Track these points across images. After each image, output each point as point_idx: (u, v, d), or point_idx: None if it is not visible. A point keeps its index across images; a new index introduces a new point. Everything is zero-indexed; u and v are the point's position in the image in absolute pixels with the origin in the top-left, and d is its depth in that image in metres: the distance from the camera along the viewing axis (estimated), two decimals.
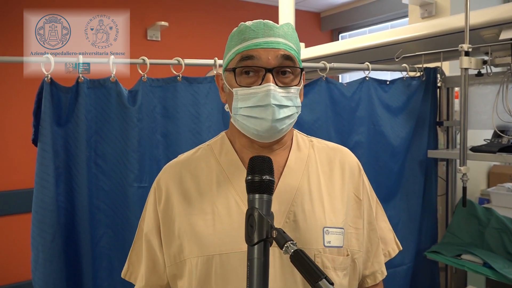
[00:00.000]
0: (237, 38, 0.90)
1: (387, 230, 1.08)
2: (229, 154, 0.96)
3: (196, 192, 0.93)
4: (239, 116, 0.89)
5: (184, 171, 0.96)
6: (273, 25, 0.89)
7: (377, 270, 1.02)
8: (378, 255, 1.03)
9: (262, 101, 0.85)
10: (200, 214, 0.91)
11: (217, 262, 0.86)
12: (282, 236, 0.71)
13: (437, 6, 2.96)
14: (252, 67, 0.86)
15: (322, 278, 0.65)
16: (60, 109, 1.48)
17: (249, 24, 0.90)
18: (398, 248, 1.09)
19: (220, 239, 0.87)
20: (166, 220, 0.93)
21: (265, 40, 0.87)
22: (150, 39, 3.83)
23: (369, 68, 1.99)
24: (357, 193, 0.99)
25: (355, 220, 0.97)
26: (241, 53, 0.87)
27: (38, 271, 1.43)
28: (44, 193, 1.42)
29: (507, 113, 1.83)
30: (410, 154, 2.14)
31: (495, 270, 1.75)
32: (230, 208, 0.90)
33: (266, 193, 0.76)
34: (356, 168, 1.02)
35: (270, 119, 0.86)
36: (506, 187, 2.46)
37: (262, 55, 0.86)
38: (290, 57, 0.88)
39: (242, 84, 0.88)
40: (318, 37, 4.90)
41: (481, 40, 1.87)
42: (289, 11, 2.73)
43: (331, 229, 0.90)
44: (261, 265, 0.71)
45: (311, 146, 1.01)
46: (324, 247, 0.89)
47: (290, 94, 0.88)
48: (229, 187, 0.92)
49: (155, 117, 1.63)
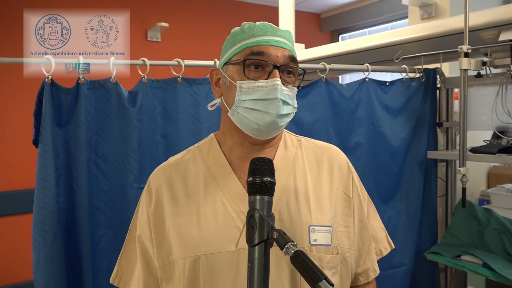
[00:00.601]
0: (244, 34, 0.91)
1: (379, 228, 1.08)
2: (216, 155, 0.97)
3: (183, 194, 0.94)
4: (241, 109, 0.90)
5: (174, 173, 0.97)
6: (278, 28, 0.93)
7: (369, 268, 1.03)
8: (370, 253, 1.03)
9: (269, 95, 0.87)
10: (186, 215, 0.91)
11: (204, 263, 0.87)
12: (282, 237, 0.72)
13: (437, 8, 2.96)
14: (261, 62, 0.88)
15: (322, 279, 0.65)
16: (60, 110, 1.49)
17: (255, 23, 0.92)
18: (390, 247, 1.10)
19: (206, 239, 0.88)
20: (157, 222, 0.94)
21: (274, 39, 0.90)
22: (150, 40, 3.84)
23: (368, 69, 1.99)
24: (347, 191, 1.00)
25: (345, 219, 0.97)
26: (251, 48, 0.89)
27: (40, 271, 1.43)
28: (45, 194, 1.43)
29: (506, 114, 1.83)
30: (409, 155, 2.14)
31: (494, 271, 1.75)
32: (216, 208, 0.90)
33: (267, 194, 0.77)
34: (345, 166, 1.02)
35: (275, 113, 0.87)
36: (505, 188, 2.46)
37: (272, 51, 0.88)
38: (295, 58, 0.92)
39: (249, 77, 0.89)
40: (318, 38, 4.91)
41: (480, 41, 1.87)
42: (289, 12, 2.73)
43: (317, 228, 0.90)
44: (261, 266, 0.72)
45: (298, 145, 1.02)
46: (310, 246, 0.89)
47: (292, 93, 0.91)
48: (216, 188, 0.92)
49: (155, 118, 1.63)
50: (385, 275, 2.01)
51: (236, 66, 0.90)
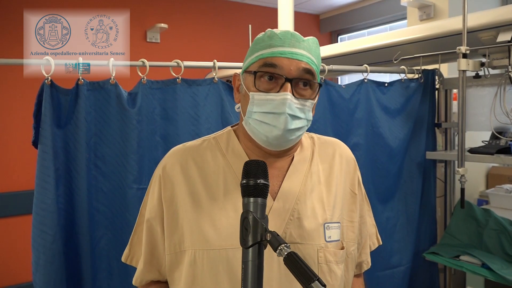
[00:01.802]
0: (263, 43, 0.91)
1: (370, 225, 1.12)
2: (235, 149, 0.97)
3: (201, 186, 0.94)
4: (251, 120, 0.90)
5: (190, 160, 0.97)
6: (300, 37, 0.91)
7: (363, 260, 1.09)
8: (366, 246, 1.09)
9: (277, 109, 0.87)
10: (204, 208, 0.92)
11: (215, 257, 0.88)
12: (276, 239, 0.72)
13: (435, 9, 2.97)
14: (273, 74, 0.88)
15: (315, 280, 0.66)
16: (60, 111, 1.49)
17: (276, 31, 0.91)
18: (378, 243, 1.15)
19: (219, 234, 0.89)
20: (171, 209, 0.94)
21: (290, 50, 0.88)
22: (149, 41, 3.84)
23: (367, 70, 2.00)
24: (353, 187, 1.03)
25: (350, 214, 1.01)
26: (264, 59, 0.89)
27: (39, 272, 1.43)
28: (44, 195, 1.43)
29: (504, 115, 1.84)
30: (408, 155, 2.15)
31: (493, 271, 1.76)
32: (235, 205, 0.91)
33: (260, 196, 0.77)
34: (352, 162, 1.06)
35: (282, 128, 0.87)
36: (504, 188, 2.47)
37: (285, 64, 0.87)
38: (311, 71, 0.89)
39: (260, 89, 0.89)
40: (317, 39, 4.91)
41: (479, 42, 1.88)
42: (288, 13, 2.73)
43: (331, 224, 0.94)
44: (255, 267, 0.72)
45: (312, 143, 1.04)
46: (326, 242, 0.92)
47: (304, 107, 0.90)
48: (236, 186, 0.92)
49: (154, 119, 1.63)
50: (383, 275, 2.01)
51: (251, 76, 0.90)
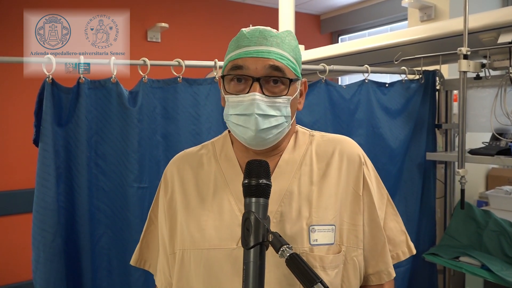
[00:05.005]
0: (232, 45, 0.91)
1: (397, 231, 1.03)
2: (228, 154, 0.98)
3: (193, 189, 0.96)
4: (229, 123, 0.91)
5: (187, 165, 0.99)
6: (269, 34, 0.88)
7: (382, 270, 0.97)
8: (384, 255, 0.98)
9: (247, 110, 0.85)
10: (194, 210, 0.94)
11: (204, 257, 0.89)
12: (278, 239, 0.71)
13: (436, 10, 2.97)
14: (241, 76, 0.87)
15: (318, 282, 0.65)
16: (61, 109, 1.49)
17: (245, 31, 0.90)
18: (410, 252, 1.04)
19: (209, 235, 0.90)
20: (171, 212, 0.97)
21: (256, 49, 0.86)
22: (150, 41, 3.84)
23: (368, 70, 2.00)
24: (356, 188, 0.96)
25: (353, 216, 0.94)
26: (232, 61, 0.88)
27: (39, 270, 1.44)
28: (45, 193, 1.43)
29: (505, 116, 1.84)
30: (408, 156, 2.15)
31: (493, 272, 1.76)
32: (222, 207, 0.92)
33: (262, 197, 0.77)
34: (356, 160, 0.99)
35: (254, 129, 0.86)
36: (504, 189, 2.47)
37: (251, 64, 0.85)
38: (279, 67, 0.86)
39: (231, 91, 0.88)
40: (317, 39, 4.91)
41: (479, 43, 1.88)
42: (289, 13, 2.74)
43: (317, 227, 0.88)
44: (257, 268, 0.72)
45: (310, 142, 0.99)
46: (310, 246, 0.87)
47: (277, 104, 0.87)
48: (225, 188, 0.94)
49: (155, 118, 1.63)
50: None
51: (224, 80, 0.90)
